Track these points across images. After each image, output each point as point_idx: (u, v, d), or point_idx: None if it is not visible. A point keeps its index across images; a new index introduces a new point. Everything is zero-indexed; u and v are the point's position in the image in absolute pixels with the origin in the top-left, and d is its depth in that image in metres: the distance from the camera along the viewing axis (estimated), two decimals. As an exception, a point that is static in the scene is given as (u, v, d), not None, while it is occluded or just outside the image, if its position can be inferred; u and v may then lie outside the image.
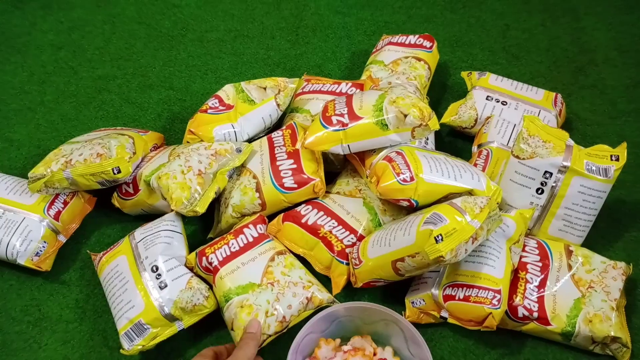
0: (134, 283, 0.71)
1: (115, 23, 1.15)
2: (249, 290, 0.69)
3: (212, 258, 0.73)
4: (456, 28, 1.14)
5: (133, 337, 0.69)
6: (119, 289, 0.71)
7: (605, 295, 0.70)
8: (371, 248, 0.70)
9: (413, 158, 0.73)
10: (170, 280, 0.70)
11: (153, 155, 0.84)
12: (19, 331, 0.75)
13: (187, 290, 0.70)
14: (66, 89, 1.04)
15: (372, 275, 0.71)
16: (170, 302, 0.69)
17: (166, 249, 0.73)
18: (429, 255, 0.63)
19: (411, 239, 0.65)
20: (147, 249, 0.73)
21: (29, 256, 0.77)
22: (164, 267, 0.71)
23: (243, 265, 0.72)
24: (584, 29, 1.13)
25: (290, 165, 0.78)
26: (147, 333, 0.69)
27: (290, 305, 0.69)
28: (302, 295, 0.70)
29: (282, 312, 0.68)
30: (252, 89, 0.88)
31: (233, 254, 0.73)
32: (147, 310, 0.69)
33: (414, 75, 0.91)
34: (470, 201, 0.68)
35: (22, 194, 0.81)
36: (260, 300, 0.68)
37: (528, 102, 0.91)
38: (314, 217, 0.76)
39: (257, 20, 1.16)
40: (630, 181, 0.89)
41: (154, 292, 0.69)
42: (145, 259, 0.72)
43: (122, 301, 0.70)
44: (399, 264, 0.67)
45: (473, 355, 0.72)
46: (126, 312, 0.69)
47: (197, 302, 0.70)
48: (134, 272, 0.71)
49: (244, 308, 0.68)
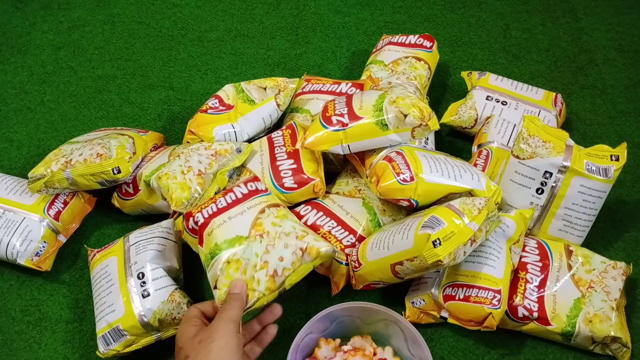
0: (119, 287, 0.70)
1: (115, 23, 1.15)
2: (235, 244, 0.64)
3: (198, 217, 0.68)
4: (456, 28, 1.14)
5: (109, 341, 0.68)
6: (104, 290, 0.71)
7: (605, 295, 0.70)
8: (370, 251, 0.70)
9: (413, 158, 0.73)
10: (153, 290, 0.69)
11: (153, 156, 0.84)
12: (19, 331, 0.75)
13: (168, 303, 0.69)
14: (66, 89, 1.04)
15: (372, 278, 0.71)
16: (150, 312, 0.68)
17: (156, 257, 0.72)
18: (427, 259, 0.63)
19: (409, 243, 0.65)
20: (137, 254, 0.72)
21: (29, 256, 0.77)
22: (150, 276, 0.70)
23: (230, 220, 0.66)
24: (584, 29, 1.13)
25: (290, 165, 0.78)
26: (124, 339, 0.68)
27: (282, 257, 0.63)
28: (295, 246, 0.64)
29: (273, 265, 0.63)
30: (252, 89, 0.88)
31: (220, 210, 0.68)
32: (127, 317, 0.68)
33: (414, 75, 0.91)
34: (468, 203, 0.67)
35: (22, 194, 0.81)
36: (248, 253, 0.63)
37: (528, 102, 0.91)
38: (313, 217, 0.76)
39: (257, 20, 1.16)
40: (630, 181, 0.89)
41: (136, 300, 0.69)
42: (134, 264, 0.71)
43: (104, 303, 0.70)
44: (397, 268, 0.67)
45: (473, 355, 0.72)
46: (106, 315, 0.69)
47: (177, 315, 0.69)
48: (121, 275, 0.71)
49: (231, 263, 0.62)
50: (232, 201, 0.69)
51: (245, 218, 0.66)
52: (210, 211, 0.68)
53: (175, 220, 0.78)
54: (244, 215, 0.67)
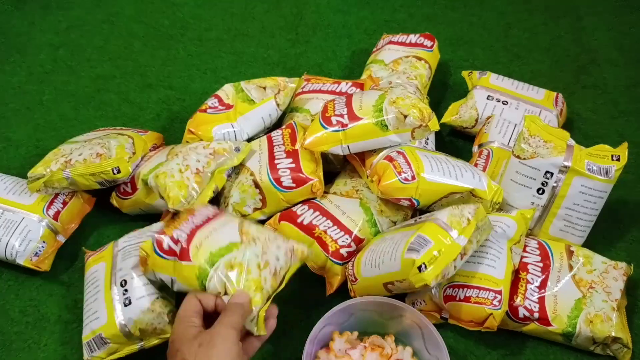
0: (104, 294, 0.69)
1: (114, 22, 1.15)
2: (232, 249, 0.63)
3: (179, 234, 0.64)
4: (457, 27, 1.13)
5: (94, 349, 0.68)
6: (92, 296, 0.70)
7: (606, 296, 0.70)
8: (364, 267, 0.70)
9: (414, 157, 0.73)
10: (135, 299, 0.67)
11: (152, 155, 0.83)
12: (18, 332, 0.75)
13: (149, 312, 0.67)
14: (65, 89, 1.04)
15: (368, 292, 0.71)
16: (132, 321, 0.66)
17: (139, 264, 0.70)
18: (414, 283, 0.63)
19: (397, 266, 0.65)
20: (123, 260, 0.71)
21: (28, 256, 0.77)
22: (133, 283, 0.68)
23: (216, 230, 0.65)
24: (586, 28, 1.13)
25: (288, 165, 0.78)
26: (107, 347, 0.67)
27: (278, 257, 0.64)
28: (286, 247, 0.65)
29: (273, 264, 0.63)
30: (251, 88, 0.88)
31: (200, 225, 0.66)
32: (109, 325, 0.67)
33: (414, 75, 0.91)
34: (456, 214, 0.67)
35: (21, 193, 0.80)
36: (248, 256, 0.62)
37: (529, 101, 0.91)
38: (309, 216, 0.76)
39: (256, 19, 1.15)
40: (631, 181, 0.89)
41: (118, 308, 0.67)
42: (118, 271, 0.70)
43: (90, 309, 0.69)
44: (389, 286, 0.68)
45: (473, 355, 0.72)
46: (91, 322, 0.68)
47: (157, 325, 0.67)
48: (107, 282, 0.70)
49: (234, 266, 0.61)
50: (207, 219, 0.67)
51: (230, 227, 0.65)
52: (190, 226, 0.65)
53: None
54: (227, 226, 0.66)
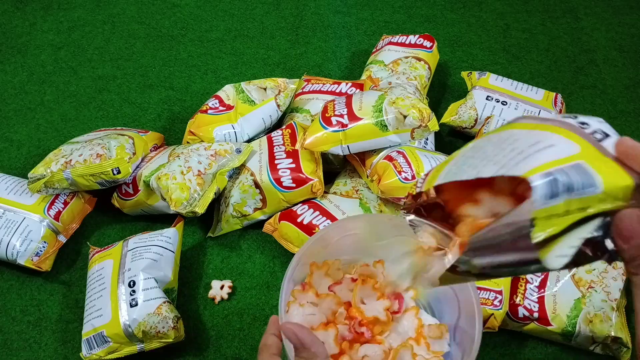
0: (110, 292, 0.70)
1: (115, 23, 1.15)
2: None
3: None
4: (456, 28, 1.14)
5: (93, 346, 0.68)
6: (96, 293, 0.71)
7: (605, 296, 0.70)
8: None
9: (414, 157, 0.73)
10: (142, 300, 0.68)
11: (153, 156, 0.84)
12: (19, 331, 0.75)
13: (154, 315, 0.68)
14: (66, 89, 1.04)
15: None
16: (135, 322, 0.67)
17: (150, 266, 0.71)
18: None
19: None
20: (132, 261, 0.71)
21: (29, 256, 0.77)
22: (141, 285, 0.69)
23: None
24: (584, 29, 1.13)
25: (288, 165, 0.78)
26: (107, 346, 0.68)
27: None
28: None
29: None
30: (252, 89, 0.88)
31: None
32: (112, 324, 0.67)
33: (414, 75, 0.91)
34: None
35: (22, 194, 0.81)
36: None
37: (528, 102, 0.91)
38: (309, 216, 0.76)
39: (257, 20, 1.16)
40: (630, 181, 0.89)
41: (124, 308, 0.68)
42: (127, 271, 0.71)
43: (94, 306, 0.70)
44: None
45: (473, 355, 0.72)
46: (93, 319, 0.69)
47: (161, 329, 0.68)
48: (114, 281, 0.70)
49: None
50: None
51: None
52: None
53: (177, 227, 0.77)
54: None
